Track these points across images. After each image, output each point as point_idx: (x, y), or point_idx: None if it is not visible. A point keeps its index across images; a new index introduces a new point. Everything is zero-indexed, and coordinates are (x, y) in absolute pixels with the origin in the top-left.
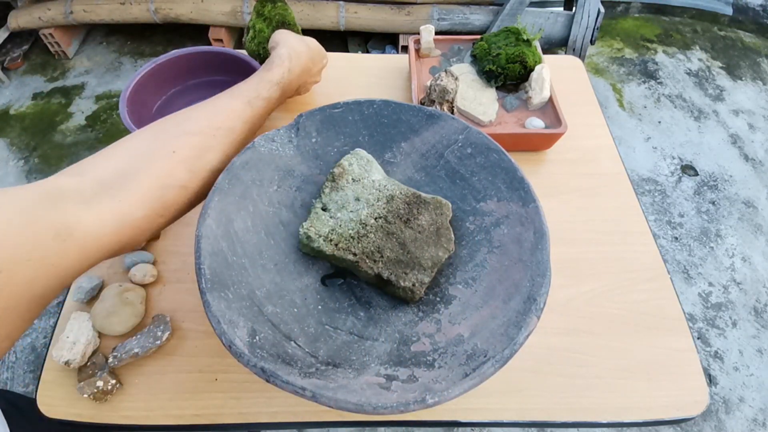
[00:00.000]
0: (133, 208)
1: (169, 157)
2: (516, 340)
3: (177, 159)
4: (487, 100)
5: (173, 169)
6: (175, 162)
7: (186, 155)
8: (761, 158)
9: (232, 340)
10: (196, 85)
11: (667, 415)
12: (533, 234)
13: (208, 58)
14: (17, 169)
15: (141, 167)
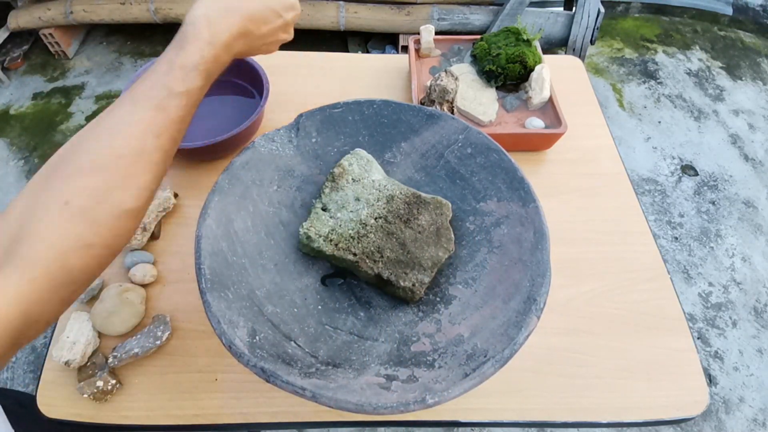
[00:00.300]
0: (29, 281)
1: (61, 211)
2: (516, 340)
3: (71, 212)
4: (487, 100)
5: (68, 226)
6: (68, 216)
7: (82, 204)
8: (761, 158)
9: (232, 340)
10: None
11: (667, 415)
12: (533, 234)
13: None
14: (17, 169)
15: (30, 230)
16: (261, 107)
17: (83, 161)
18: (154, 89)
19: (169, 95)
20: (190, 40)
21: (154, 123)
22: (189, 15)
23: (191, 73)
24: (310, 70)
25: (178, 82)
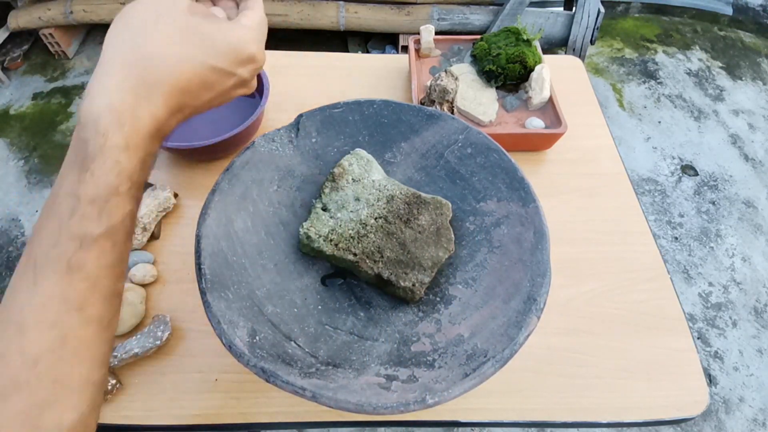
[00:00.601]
0: None
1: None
2: (516, 340)
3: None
4: (487, 100)
5: None
6: None
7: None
8: (761, 158)
9: (232, 340)
10: None
11: (667, 415)
12: (533, 234)
13: None
14: (17, 169)
15: None
16: (261, 107)
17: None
18: (59, 245)
19: (83, 246)
20: (96, 152)
21: (68, 294)
22: (84, 108)
23: (109, 203)
24: (310, 70)
25: (91, 223)
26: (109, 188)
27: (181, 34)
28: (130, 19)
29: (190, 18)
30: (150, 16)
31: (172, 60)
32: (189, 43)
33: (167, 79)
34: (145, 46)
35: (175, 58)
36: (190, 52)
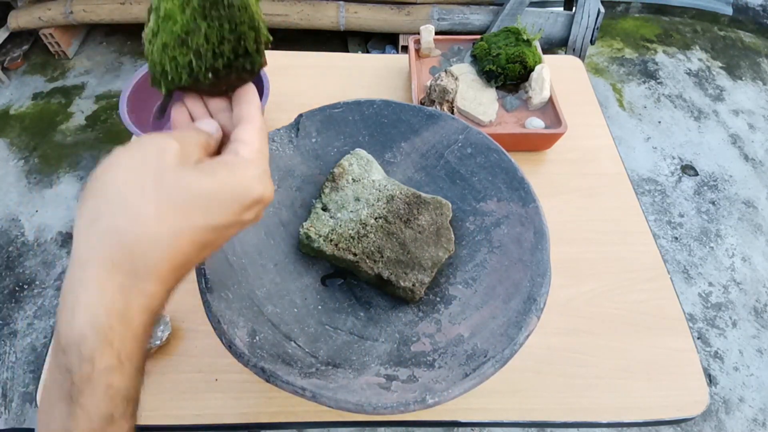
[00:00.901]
0: None
1: None
2: (516, 340)
3: None
4: (487, 100)
5: None
6: None
7: None
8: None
9: (232, 340)
10: None
11: (667, 415)
12: (533, 234)
13: None
14: (17, 169)
15: None
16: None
17: None
18: None
19: None
20: (83, 383)
21: None
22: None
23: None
24: (310, 70)
25: None
26: (103, 419)
27: (174, 201)
28: (106, 191)
29: (181, 176)
30: (132, 185)
31: (165, 238)
32: (184, 211)
33: (161, 263)
34: (131, 228)
35: (168, 234)
36: (187, 222)
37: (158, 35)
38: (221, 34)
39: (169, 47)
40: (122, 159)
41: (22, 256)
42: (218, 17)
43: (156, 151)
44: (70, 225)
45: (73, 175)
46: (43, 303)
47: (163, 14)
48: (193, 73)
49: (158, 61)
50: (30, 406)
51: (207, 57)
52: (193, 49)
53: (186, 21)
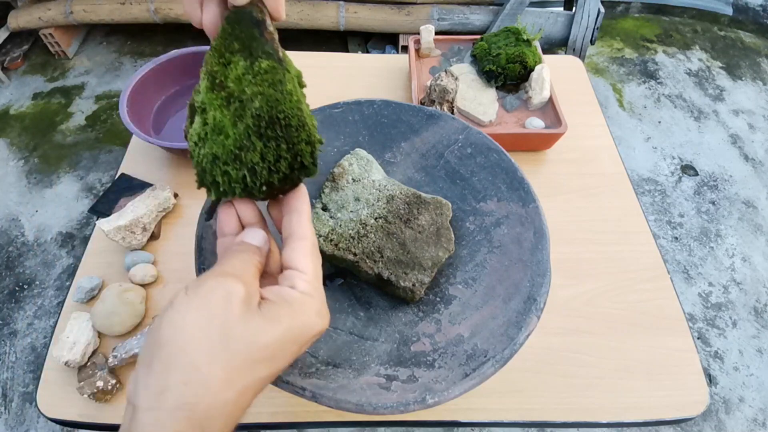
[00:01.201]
0: None
1: None
2: (516, 340)
3: None
4: (487, 100)
5: None
6: None
7: None
8: (761, 158)
9: None
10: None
11: (667, 415)
12: (533, 234)
13: None
14: (17, 169)
15: None
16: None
17: None
18: None
19: None
20: None
21: None
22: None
23: None
24: (310, 70)
25: None
26: None
27: (242, 358)
28: (173, 356)
29: (248, 328)
30: (200, 347)
31: (231, 402)
32: (251, 367)
33: (226, 426)
34: (201, 399)
35: (235, 396)
36: (252, 377)
37: (206, 143)
38: (278, 153)
39: (220, 160)
40: (188, 315)
41: (22, 256)
42: (275, 137)
43: (222, 301)
44: (70, 225)
45: (73, 175)
46: (43, 303)
47: (212, 124)
48: (247, 188)
49: (208, 171)
50: (30, 406)
51: (262, 174)
52: (247, 166)
53: (239, 137)
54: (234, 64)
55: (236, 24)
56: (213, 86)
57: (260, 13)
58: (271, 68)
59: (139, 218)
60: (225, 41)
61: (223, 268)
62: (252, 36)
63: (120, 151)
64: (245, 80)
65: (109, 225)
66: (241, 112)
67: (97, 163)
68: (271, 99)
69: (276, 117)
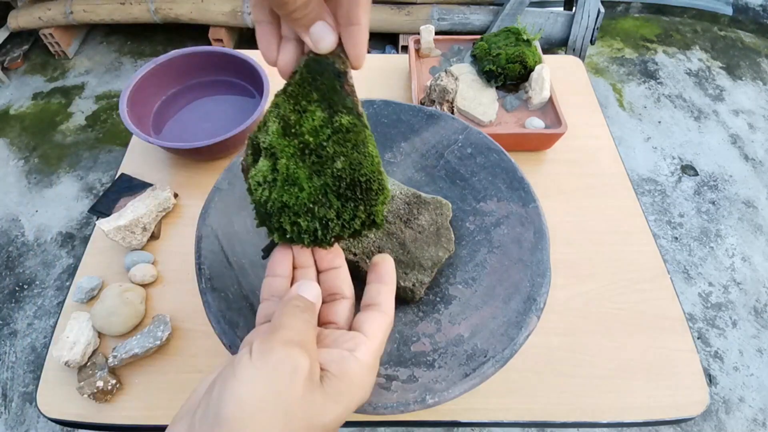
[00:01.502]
0: None
1: None
2: (516, 340)
3: None
4: (487, 100)
5: None
6: None
7: None
8: (761, 158)
9: (232, 340)
10: (196, 85)
11: (667, 415)
12: (533, 234)
13: (208, 58)
14: (17, 169)
15: None
16: (261, 107)
17: None
18: None
19: None
20: None
21: None
22: None
23: None
24: None
25: None
26: None
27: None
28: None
29: (310, 407)
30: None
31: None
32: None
33: None
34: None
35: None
36: None
37: (275, 189)
38: (355, 213)
39: (290, 210)
40: (255, 391)
41: (22, 256)
42: (354, 199)
43: (289, 377)
44: (70, 225)
45: (73, 175)
46: (43, 303)
47: (284, 173)
48: (316, 240)
49: (275, 216)
50: (30, 406)
51: (334, 229)
52: (320, 220)
53: (315, 192)
54: (310, 113)
55: (316, 73)
56: (285, 132)
57: (342, 64)
58: (353, 126)
59: (139, 218)
60: (302, 89)
61: (288, 334)
62: (333, 88)
63: (120, 151)
64: (323, 133)
65: (109, 225)
66: (319, 168)
67: (97, 163)
68: (354, 162)
69: (358, 180)
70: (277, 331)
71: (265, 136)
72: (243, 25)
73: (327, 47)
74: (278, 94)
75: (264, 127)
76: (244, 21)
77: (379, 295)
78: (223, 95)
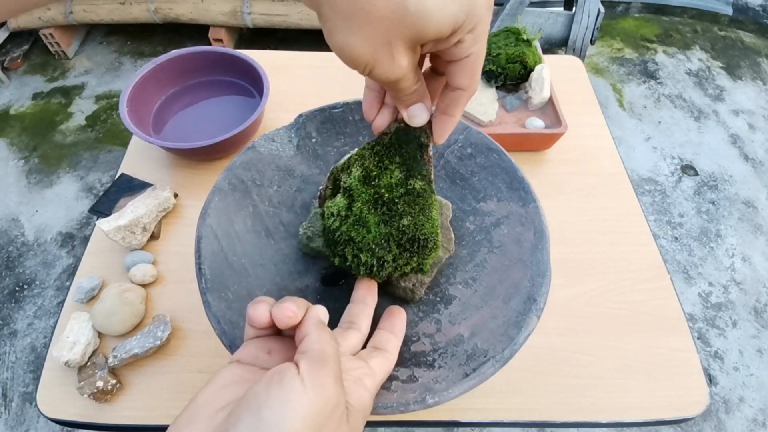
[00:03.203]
0: None
1: None
2: (516, 340)
3: None
4: (487, 100)
5: None
6: None
7: None
8: (761, 158)
9: (232, 340)
10: (196, 85)
11: (667, 415)
12: (533, 234)
13: (208, 58)
14: (17, 169)
15: None
16: (261, 107)
17: None
18: None
19: None
20: None
21: None
22: None
23: None
24: (310, 70)
25: None
26: None
27: None
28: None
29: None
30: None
31: None
32: None
33: None
34: None
35: None
36: None
37: (345, 224)
38: (408, 261)
39: (355, 245)
40: (306, 420)
41: (22, 256)
42: (410, 251)
43: (331, 412)
44: (70, 225)
45: (73, 175)
46: (43, 303)
47: (357, 215)
48: (371, 273)
49: (341, 246)
50: (30, 406)
51: (387, 269)
52: (378, 259)
53: (379, 237)
54: (390, 172)
55: (403, 142)
56: (366, 181)
57: (427, 138)
58: (423, 191)
59: (139, 218)
60: (389, 150)
61: (336, 370)
62: (414, 157)
63: (120, 151)
64: (396, 191)
65: (109, 225)
66: (387, 218)
67: (97, 163)
68: (418, 223)
69: (418, 237)
70: (327, 364)
71: (347, 178)
72: (243, 25)
73: (419, 124)
74: (366, 148)
75: (347, 170)
76: (244, 21)
77: (388, 342)
78: (223, 95)
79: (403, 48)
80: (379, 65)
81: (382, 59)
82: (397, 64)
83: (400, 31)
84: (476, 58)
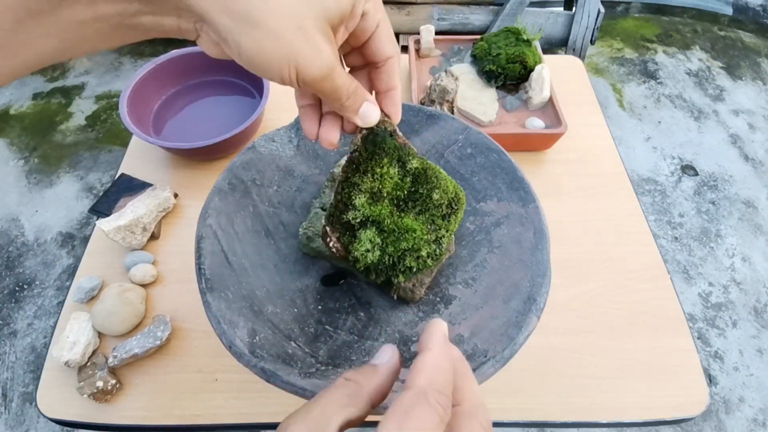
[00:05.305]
0: None
1: None
2: (516, 340)
3: None
4: (487, 100)
5: None
6: None
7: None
8: (761, 158)
9: (232, 340)
10: (196, 85)
11: (667, 415)
12: (533, 234)
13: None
14: (17, 169)
15: None
16: (261, 107)
17: None
18: None
19: None
20: None
21: None
22: None
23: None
24: None
25: None
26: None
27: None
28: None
29: None
30: None
31: None
32: None
33: None
34: None
35: None
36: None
37: (389, 244)
38: (454, 221)
39: (412, 250)
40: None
41: (22, 256)
42: (451, 212)
43: None
44: (70, 225)
45: (73, 175)
46: (43, 303)
47: (394, 229)
48: (437, 258)
49: (399, 263)
50: (30, 406)
51: (444, 239)
52: (435, 240)
53: (425, 225)
54: (387, 174)
55: (379, 143)
56: (375, 199)
57: (389, 124)
58: (422, 163)
59: (139, 218)
60: (371, 161)
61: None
62: (394, 147)
63: (120, 151)
64: (406, 183)
65: (109, 225)
66: (420, 207)
67: (97, 163)
68: (443, 188)
69: (451, 199)
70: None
71: (355, 213)
72: None
73: (375, 121)
74: (346, 171)
75: (349, 205)
76: None
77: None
78: (223, 95)
79: (318, 33)
80: (302, 58)
81: (301, 50)
82: (317, 50)
83: (304, 14)
84: (386, 23)
